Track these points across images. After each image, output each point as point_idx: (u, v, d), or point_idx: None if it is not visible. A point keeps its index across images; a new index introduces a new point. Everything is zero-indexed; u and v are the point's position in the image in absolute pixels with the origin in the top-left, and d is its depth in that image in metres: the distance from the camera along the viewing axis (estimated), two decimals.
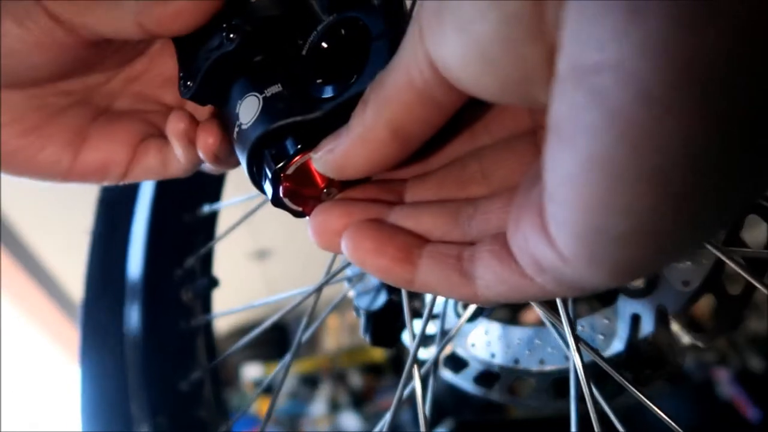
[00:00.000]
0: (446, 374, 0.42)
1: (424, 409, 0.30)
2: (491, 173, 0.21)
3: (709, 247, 0.27)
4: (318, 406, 2.13)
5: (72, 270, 1.51)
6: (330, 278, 0.36)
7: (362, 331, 0.40)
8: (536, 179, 0.17)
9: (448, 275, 0.19)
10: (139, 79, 0.29)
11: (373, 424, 0.37)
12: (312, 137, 0.22)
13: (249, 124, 0.23)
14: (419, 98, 0.18)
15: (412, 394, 0.32)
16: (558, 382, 0.36)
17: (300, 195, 0.23)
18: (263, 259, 2.27)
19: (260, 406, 2.09)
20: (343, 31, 0.23)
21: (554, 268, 0.16)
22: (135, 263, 0.43)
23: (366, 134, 0.20)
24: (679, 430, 0.25)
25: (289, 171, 0.22)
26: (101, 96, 0.29)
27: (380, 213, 0.22)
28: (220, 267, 0.46)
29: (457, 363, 0.41)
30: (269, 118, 0.23)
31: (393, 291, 0.39)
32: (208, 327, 0.44)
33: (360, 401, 2.16)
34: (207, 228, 0.45)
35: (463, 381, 0.41)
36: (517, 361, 0.38)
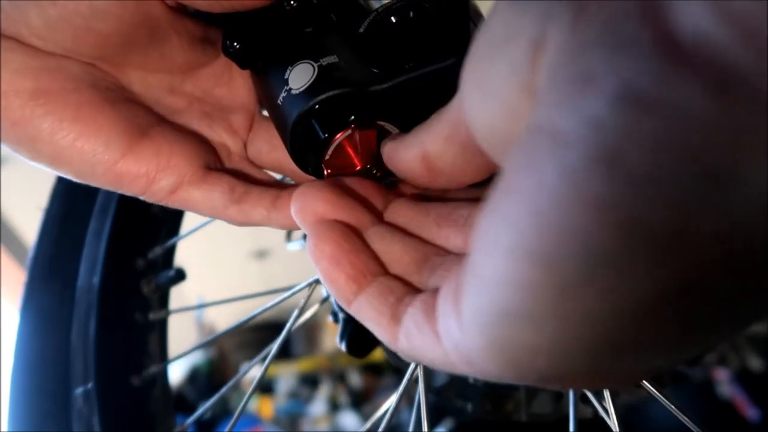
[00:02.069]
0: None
1: (424, 409, 0.30)
2: (472, 226, 0.21)
3: None
4: (317, 406, 2.13)
5: None
6: None
7: (338, 337, 0.40)
8: None
9: (381, 312, 0.19)
10: (206, 99, 0.28)
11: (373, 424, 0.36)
12: (363, 112, 0.22)
13: (301, 90, 0.23)
14: (449, 141, 0.19)
15: (412, 394, 0.32)
16: None
17: (342, 167, 0.23)
18: (263, 259, 2.27)
19: (260, 406, 2.09)
20: (411, 14, 0.23)
21: (457, 344, 0.16)
22: (93, 248, 0.40)
23: (405, 145, 0.21)
24: (698, 429, 0.25)
25: (337, 141, 0.23)
26: (164, 104, 0.27)
27: (361, 222, 0.21)
28: (219, 267, 0.46)
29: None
30: (325, 85, 0.23)
31: None
32: (163, 323, 0.42)
33: (360, 401, 2.16)
34: (173, 219, 0.44)
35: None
36: None
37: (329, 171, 0.24)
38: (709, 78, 0.09)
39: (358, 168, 0.24)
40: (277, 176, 0.30)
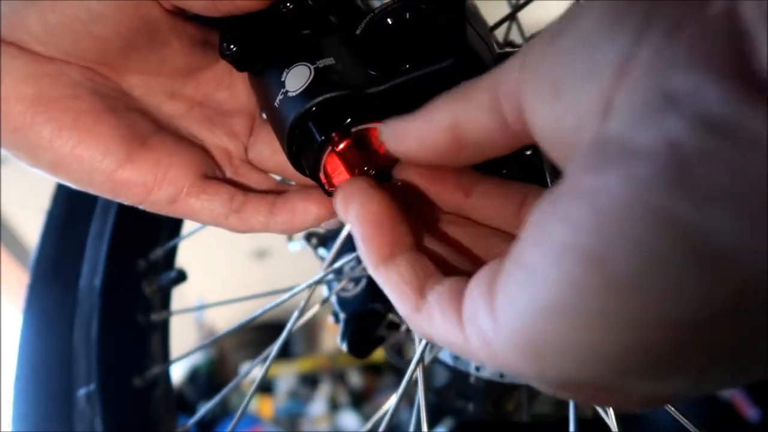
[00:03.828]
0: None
1: (424, 409, 0.30)
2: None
3: None
4: (317, 406, 2.12)
5: None
6: (325, 276, 0.36)
7: (339, 337, 0.40)
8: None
9: (407, 282, 0.19)
10: (207, 103, 0.28)
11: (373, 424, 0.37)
12: (360, 114, 0.22)
13: (297, 92, 0.23)
14: (491, 112, 0.18)
15: (412, 393, 0.32)
16: None
17: (340, 168, 0.23)
18: (262, 259, 2.27)
19: (260, 406, 2.09)
20: (407, 15, 0.23)
21: (484, 333, 0.16)
22: (95, 250, 0.40)
23: (429, 116, 0.20)
24: (697, 429, 0.25)
25: (335, 142, 0.23)
26: (164, 109, 0.27)
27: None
28: (219, 267, 0.46)
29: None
30: (322, 88, 0.23)
31: (374, 300, 0.39)
32: (165, 324, 0.42)
33: (360, 401, 2.16)
34: (174, 221, 0.44)
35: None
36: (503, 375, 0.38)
37: (327, 172, 0.24)
38: None
39: (355, 170, 0.24)
40: (278, 178, 0.30)
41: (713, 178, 0.11)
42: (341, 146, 0.23)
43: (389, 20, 0.23)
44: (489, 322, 0.15)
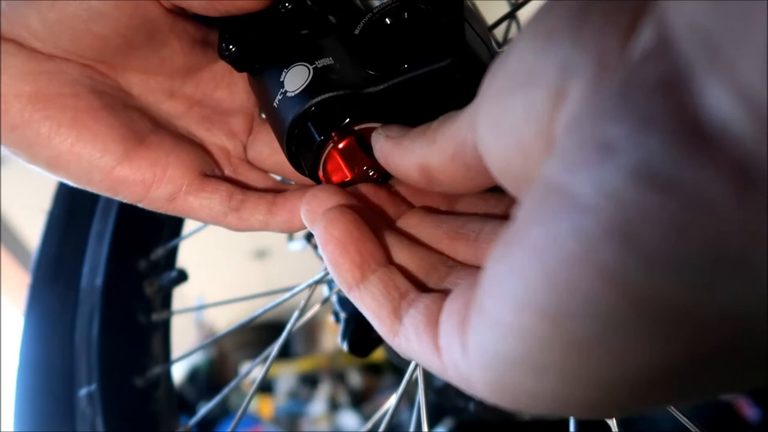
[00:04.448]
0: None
1: (424, 409, 0.30)
2: (483, 241, 0.21)
3: None
4: (317, 406, 2.13)
5: None
6: (325, 275, 0.36)
7: (340, 337, 0.40)
8: None
9: (381, 305, 0.19)
10: (206, 102, 0.28)
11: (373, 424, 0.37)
12: (359, 113, 0.22)
13: (296, 92, 0.23)
14: (453, 158, 0.19)
15: (412, 393, 0.32)
16: None
17: (339, 168, 0.23)
18: (262, 259, 2.27)
19: (260, 406, 2.09)
20: (406, 15, 0.23)
21: (457, 366, 0.16)
22: (96, 250, 0.40)
23: (403, 152, 0.21)
24: (697, 429, 0.25)
25: (333, 143, 0.23)
26: (163, 108, 0.27)
27: (372, 225, 0.21)
28: (220, 267, 0.46)
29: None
30: (321, 88, 0.23)
31: None
32: (166, 324, 0.42)
33: (359, 401, 2.16)
34: (175, 221, 0.44)
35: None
36: None
37: (326, 172, 0.24)
38: (728, 168, 0.10)
39: (354, 169, 0.24)
40: (278, 177, 0.30)
41: (657, 236, 0.10)
42: (340, 146, 0.23)
43: (388, 20, 0.23)
44: (462, 359, 0.15)
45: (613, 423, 0.27)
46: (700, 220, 0.10)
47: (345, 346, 0.40)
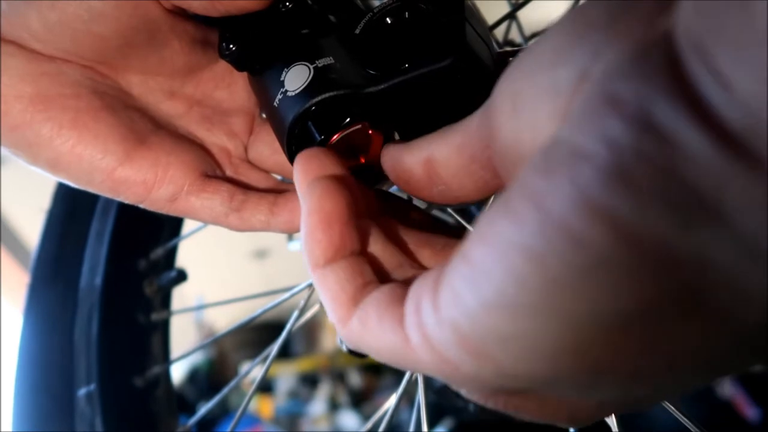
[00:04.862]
0: None
1: (424, 408, 0.30)
2: (448, 252, 0.21)
3: None
4: (317, 406, 2.13)
5: None
6: None
7: (339, 338, 0.40)
8: None
9: (343, 289, 0.19)
10: (206, 102, 0.28)
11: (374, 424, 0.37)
12: (359, 113, 0.22)
13: (297, 92, 0.23)
14: (460, 149, 0.19)
15: (412, 393, 0.32)
16: None
17: None
18: (262, 259, 2.27)
19: (260, 406, 2.09)
20: (407, 14, 0.23)
21: (425, 329, 0.16)
22: (95, 249, 0.40)
23: (410, 149, 0.21)
24: (697, 429, 0.25)
25: (334, 142, 0.23)
26: (164, 108, 0.27)
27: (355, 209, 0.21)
28: (219, 267, 0.46)
29: None
30: (321, 87, 0.23)
31: None
32: (166, 324, 0.42)
33: (359, 401, 2.16)
34: (175, 220, 0.44)
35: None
36: None
37: None
38: (712, 130, 0.11)
39: (354, 170, 0.24)
40: (279, 177, 0.30)
41: (649, 176, 0.11)
42: (340, 145, 0.23)
43: (388, 19, 0.23)
44: (431, 317, 0.15)
45: (613, 423, 0.27)
46: (685, 165, 0.11)
47: (344, 347, 0.40)
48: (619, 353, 0.13)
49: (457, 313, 0.14)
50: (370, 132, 0.23)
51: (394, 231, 0.22)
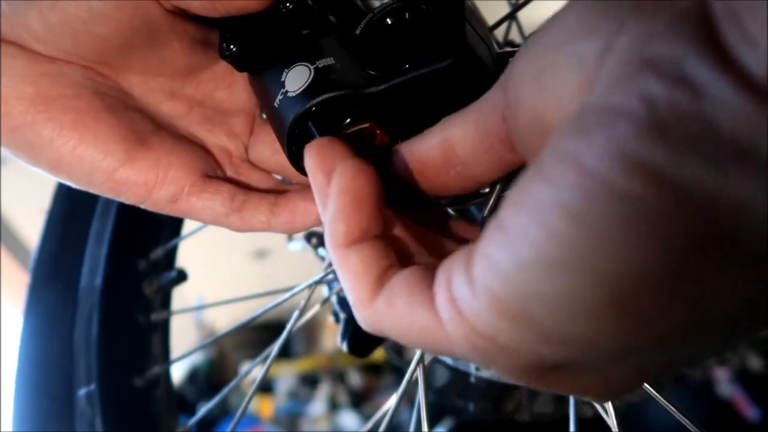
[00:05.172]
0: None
1: (424, 409, 0.30)
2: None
3: None
4: (317, 406, 2.13)
5: None
6: (325, 276, 0.36)
7: (339, 337, 0.40)
8: None
9: (368, 270, 0.19)
10: (206, 103, 0.28)
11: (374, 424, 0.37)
12: (360, 113, 0.22)
13: (297, 92, 0.23)
14: (476, 125, 0.20)
15: (412, 393, 0.32)
16: None
17: None
18: (262, 259, 2.27)
19: (260, 406, 2.09)
20: (407, 15, 0.23)
21: (461, 301, 0.16)
22: (95, 249, 0.40)
23: (426, 134, 0.21)
24: (697, 429, 0.25)
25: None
26: (164, 109, 0.27)
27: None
28: (219, 267, 0.46)
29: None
30: (322, 88, 0.23)
31: None
32: (165, 324, 0.42)
33: (359, 401, 2.16)
34: (174, 220, 0.44)
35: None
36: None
37: None
38: (743, 82, 0.12)
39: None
40: (279, 178, 0.30)
41: (684, 127, 0.12)
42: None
43: (389, 20, 0.23)
44: (466, 289, 0.15)
45: (613, 423, 0.27)
46: (718, 115, 0.12)
47: (345, 347, 0.40)
48: (663, 306, 0.13)
49: (494, 280, 0.14)
50: (378, 132, 0.23)
51: (409, 220, 0.23)
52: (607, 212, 0.13)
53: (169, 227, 0.43)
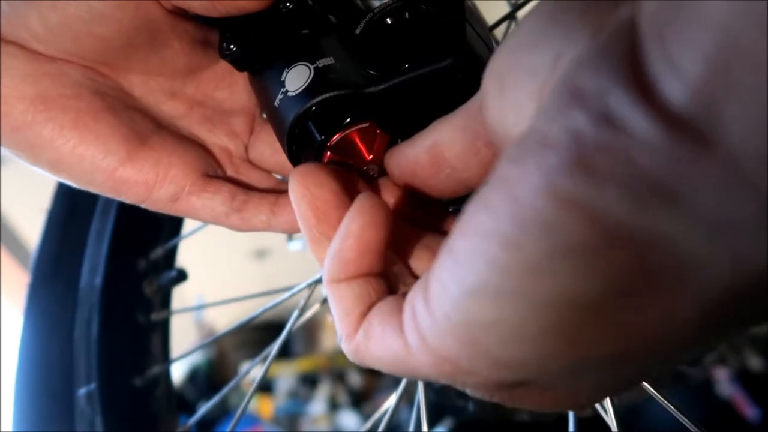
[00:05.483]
0: None
1: (424, 408, 0.30)
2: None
3: None
4: (317, 406, 2.13)
5: None
6: None
7: (339, 338, 0.40)
8: None
9: (356, 305, 0.19)
10: (207, 103, 0.28)
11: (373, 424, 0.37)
12: (360, 113, 0.22)
13: (297, 92, 0.23)
14: (464, 130, 0.20)
15: (411, 392, 0.32)
16: None
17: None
18: (262, 259, 2.27)
19: (260, 406, 2.09)
20: (407, 15, 0.23)
21: (420, 327, 0.16)
22: (95, 249, 0.40)
23: (414, 140, 0.21)
24: (697, 429, 0.25)
25: (334, 142, 0.23)
26: (165, 109, 0.27)
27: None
28: (219, 267, 0.46)
29: None
30: (322, 87, 0.23)
31: None
32: (165, 324, 0.42)
33: (359, 401, 2.16)
34: (175, 220, 0.44)
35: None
36: None
37: None
38: (665, 119, 0.12)
39: (361, 164, 0.24)
40: (279, 177, 0.30)
41: (608, 164, 0.12)
42: (341, 145, 0.23)
43: (389, 20, 0.23)
44: (425, 313, 0.16)
45: (613, 423, 0.27)
46: (639, 152, 0.12)
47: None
48: (597, 333, 0.14)
49: (447, 304, 0.15)
50: (378, 131, 0.23)
51: (407, 221, 0.23)
52: (540, 244, 0.13)
53: (169, 227, 0.43)
